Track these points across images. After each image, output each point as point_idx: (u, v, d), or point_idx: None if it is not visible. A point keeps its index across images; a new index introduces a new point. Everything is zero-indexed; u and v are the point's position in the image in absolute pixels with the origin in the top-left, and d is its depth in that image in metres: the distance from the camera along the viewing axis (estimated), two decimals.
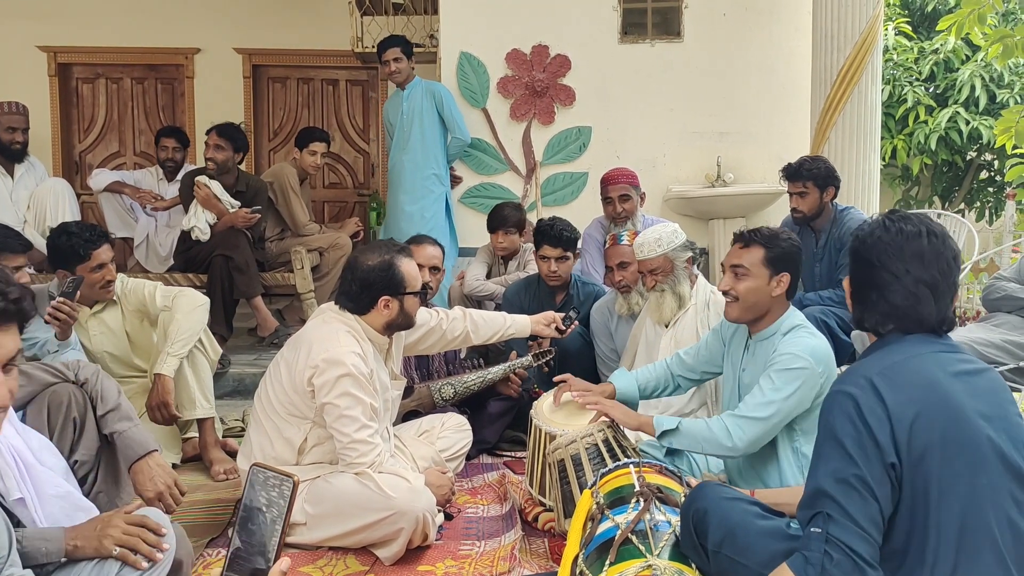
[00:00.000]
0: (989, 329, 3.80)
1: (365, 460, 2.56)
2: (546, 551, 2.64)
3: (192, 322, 3.35)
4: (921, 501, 1.55)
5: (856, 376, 1.63)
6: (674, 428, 2.53)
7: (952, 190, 8.82)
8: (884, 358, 1.66)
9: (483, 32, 5.77)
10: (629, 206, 4.40)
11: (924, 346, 1.67)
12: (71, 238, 3.24)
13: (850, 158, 4.90)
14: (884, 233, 1.71)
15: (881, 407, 1.57)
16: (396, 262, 2.72)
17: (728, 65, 5.78)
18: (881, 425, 1.55)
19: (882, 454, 1.54)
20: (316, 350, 2.59)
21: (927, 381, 1.60)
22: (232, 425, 3.96)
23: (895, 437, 1.55)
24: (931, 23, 8.50)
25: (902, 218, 1.73)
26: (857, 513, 1.53)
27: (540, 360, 3.56)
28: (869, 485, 1.54)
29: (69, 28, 7.36)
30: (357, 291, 2.70)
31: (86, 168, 7.47)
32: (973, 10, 5.86)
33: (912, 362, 1.64)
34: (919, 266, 1.67)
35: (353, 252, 2.88)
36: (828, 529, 1.53)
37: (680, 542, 1.93)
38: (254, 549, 1.34)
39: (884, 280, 1.70)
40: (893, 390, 1.58)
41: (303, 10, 7.40)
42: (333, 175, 7.76)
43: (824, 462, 1.60)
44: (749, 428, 2.45)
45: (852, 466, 1.55)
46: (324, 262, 5.17)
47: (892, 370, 1.62)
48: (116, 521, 1.75)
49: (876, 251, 1.71)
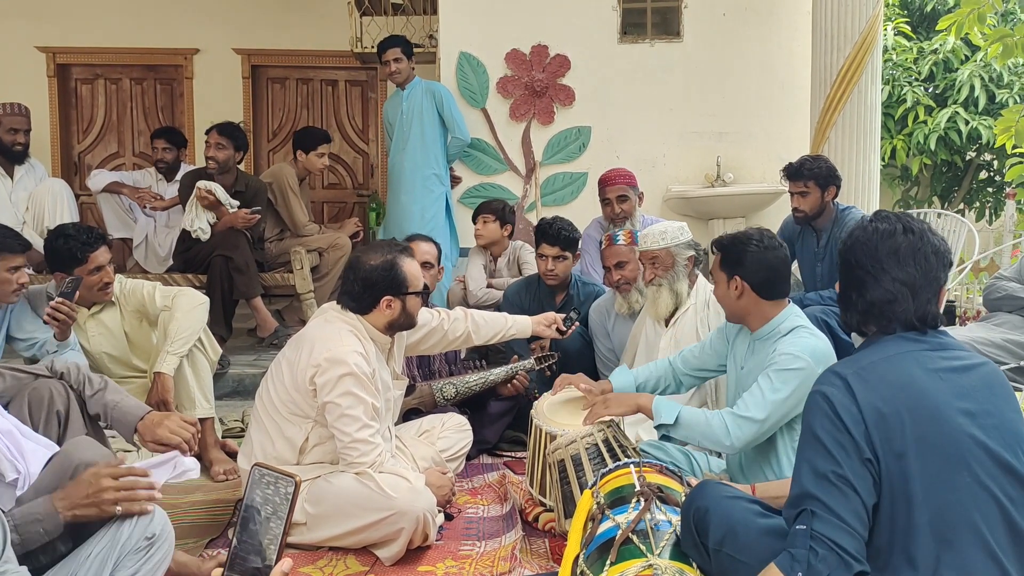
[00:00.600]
0: (990, 329, 3.80)
1: (366, 460, 2.55)
2: (547, 551, 2.64)
3: (192, 321, 3.34)
4: (901, 500, 1.56)
5: (831, 375, 1.67)
6: (672, 423, 2.53)
7: (952, 190, 8.82)
8: (862, 358, 1.69)
9: (482, 32, 5.77)
10: (627, 207, 4.40)
11: (905, 344, 1.69)
12: (68, 241, 3.24)
13: (850, 158, 4.90)
14: (861, 233, 1.74)
15: (854, 405, 1.60)
16: (399, 262, 2.72)
17: (727, 65, 5.78)
18: (855, 422, 1.58)
19: (859, 450, 1.57)
20: (319, 349, 2.59)
21: (902, 380, 1.62)
22: (232, 426, 3.95)
23: (868, 435, 1.58)
24: (930, 23, 8.49)
25: (880, 217, 1.76)
26: (840, 508, 1.55)
27: (542, 364, 3.56)
28: (849, 481, 1.56)
29: (68, 29, 7.36)
30: (359, 290, 2.70)
31: (85, 169, 7.47)
32: (972, 10, 5.86)
33: (889, 362, 1.66)
34: (894, 263, 1.70)
35: (355, 252, 2.88)
36: (812, 525, 1.55)
37: (681, 541, 1.93)
38: (255, 549, 1.34)
39: (860, 279, 1.73)
40: (866, 389, 1.61)
41: (302, 11, 7.40)
42: (332, 175, 7.76)
43: (805, 461, 1.62)
44: (747, 428, 2.46)
45: (832, 463, 1.57)
46: (323, 262, 5.16)
47: (867, 370, 1.64)
48: (104, 481, 1.74)
49: (854, 251, 1.75)
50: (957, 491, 1.56)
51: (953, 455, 1.57)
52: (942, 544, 1.54)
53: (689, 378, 2.96)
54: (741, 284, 2.59)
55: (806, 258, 4.32)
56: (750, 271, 2.57)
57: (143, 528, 1.78)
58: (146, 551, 1.79)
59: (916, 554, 1.55)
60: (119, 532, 1.76)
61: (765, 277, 2.57)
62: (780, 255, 2.61)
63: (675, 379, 2.95)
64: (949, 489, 1.56)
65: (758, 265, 2.57)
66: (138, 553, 1.77)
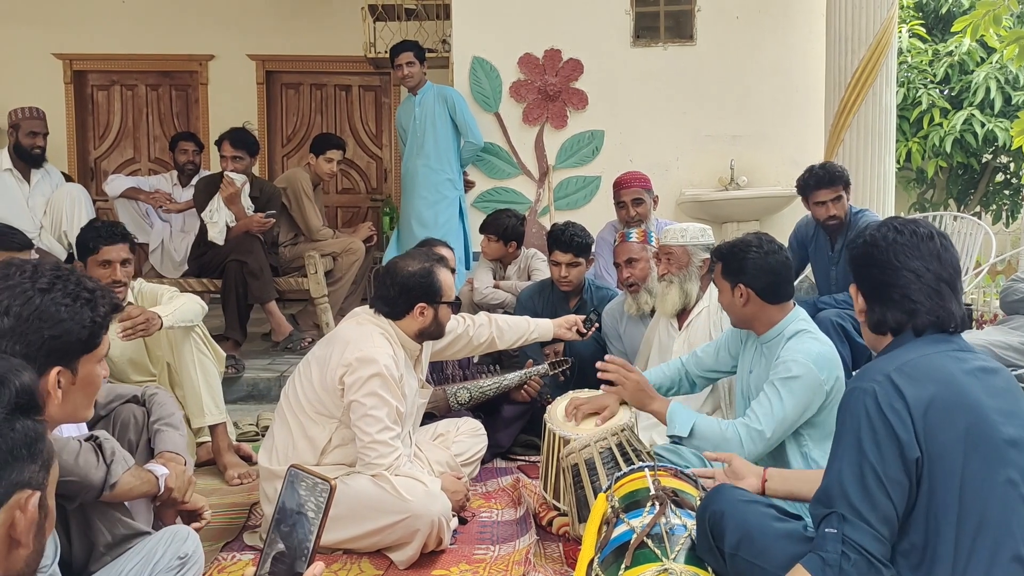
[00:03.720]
0: (1007, 332, 3.78)
1: (383, 462, 2.56)
2: (560, 555, 2.63)
3: (190, 302, 3.35)
4: (941, 496, 1.55)
5: (873, 372, 1.65)
6: (687, 435, 2.55)
7: (968, 193, 8.76)
8: (900, 356, 1.67)
9: (495, 37, 5.78)
10: (642, 210, 4.39)
11: (939, 345, 1.69)
12: (90, 231, 3.28)
13: (865, 161, 4.88)
14: (898, 236, 1.74)
15: (900, 401, 1.57)
16: (435, 271, 2.76)
17: (741, 68, 5.77)
18: (901, 420, 1.56)
19: (902, 450, 1.55)
20: (350, 349, 2.61)
21: (945, 376, 1.61)
22: (246, 430, 3.97)
23: (916, 429, 1.56)
24: (945, 25, 8.45)
25: (911, 221, 1.78)
26: (870, 514, 1.54)
27: (556, 369, 3.55)
28: (884, 485, 1.55)
29: (84, 36, 7.42)
30: (395, 296, 2.73)
31: (101, 174, 7.53)
32: (988, 11, 5.83)
33: (929, 359, 1.65)
34: (938, 264, 1.71)
35: (393, 258, 2.92)
36: (843, 530, 1.55)
37: (696, 545, 1.92)
38: (289, 552, 1.35)
39: (906, 279, 1.71)
40: (912, 384, 1.59)
41: (316, 17, 7.44)
42: (346, 180, 7.78)
43: (840, 460, 1.61)
44: (759, 441, 2.49)
45: (868, 465, 1.56)
46: (337, 267, 5.18)
47: (910, 365, 1.63)
48: None
49: (893, 252, 1.73)
50: (995, 489, 1.55)
51: (992, 454, 1.56)
52: (977, 542, 1.53)
53: (702, 379, 2.97)
54: (746, 291, 2.60)
55: (820, 262, 4.29)
56: (753, 277, 2.58)
57: (176, 548, 1.84)
58: (178, 570, 1.84)
59: (951, 551, 1.54)
60: (153, 552, 1.81)
61: (769, 281, 2.58)
62: (781, 258, 2.61)
63: (688, 380, 2.96)
64: (989, 487, 1.55)
65: (760, 270, 2.58)
66: (170, 572, 1.82)
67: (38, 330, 1.48)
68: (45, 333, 1.48)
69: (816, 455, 2.51)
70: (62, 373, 1.50)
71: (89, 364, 1.56)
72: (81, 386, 1.55)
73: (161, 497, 2.05)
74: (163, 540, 1.86)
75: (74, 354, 1.53)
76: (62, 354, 1.50)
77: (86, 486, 1.85)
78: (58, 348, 1.50)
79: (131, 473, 1.95)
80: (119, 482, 1.96)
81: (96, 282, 1.61)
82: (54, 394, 1.48)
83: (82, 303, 1.54)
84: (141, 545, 1.85)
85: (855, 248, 1.82)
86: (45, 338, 1.48)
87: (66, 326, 1.50)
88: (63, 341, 1.50)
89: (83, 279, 1.58)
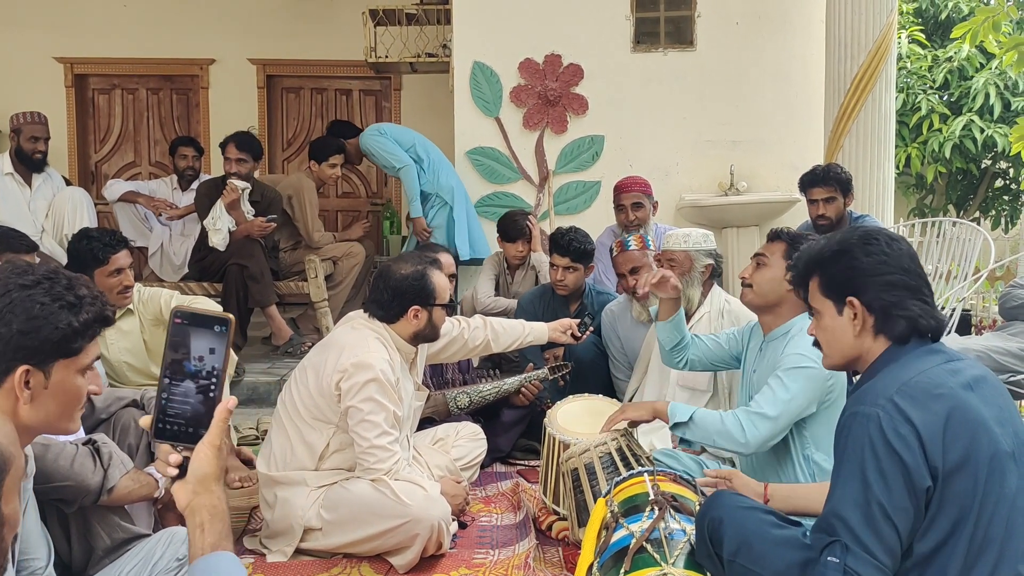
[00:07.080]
0: (1006, 338, 3.79)
1: (383, 467, 2.57)
2: (560, 560, 2.64)
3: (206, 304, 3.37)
4: (952, 514, 1.52)
5: (874, 396, 1.60)
6: (687, 420, 2.53)
7: (967, 198, 8.78)
8: (896, 375, 1.63)
9: (496, 42, 5.79)
10: (642, 214, 4.40)
11: (931, 358, 1.65)
12: (91, 242, 3.28)
13: (864, 166, 4.89)
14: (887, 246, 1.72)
15: (907, 425, 1.53)
16: (429, 273, 2.76)
17: (741, 73, 5.78)
18: (907, 446, 1.52)
19: (910, 478, 1.51)
20: (346, 355, 2.62)
21: (947, 394, 1.57)
22: (246, 433, 3.97)
23: (927, 456, 1.52)
24: (945, 31, 8.47)
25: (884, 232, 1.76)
26: (875, 545, 1.51)
27: (556, 374, 3.55)
28: (890, 516, 1.51)
29: (85, 39, 7.43)
30: (388, 299, 2.73)
31: (102, 178, 7.54)
32: (987, 18, 5.85)
33: (927, 375, 1.61)
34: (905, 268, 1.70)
35: (386, 261, 2.92)
36: (846, 561, 1.51)
37: (695, 551, 1.93)
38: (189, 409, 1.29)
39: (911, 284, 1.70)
40: (917, 407, 1.55)
41: (317, 21, 7.45)
42: (346, 184, 7.79)
43: (843, 488, 1.57)
44: (761, 425, 2.45)
45: (872, 494, 1.53)
46: (337, 271, 5.19)
47: (910, 387, 1.59)
48: None
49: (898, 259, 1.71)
50: (1000, 504, 1.53)
51: (996, 466, 1.54)
52: (980, 559, 1.52)
53: (697, 361, 2.95)
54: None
55: None
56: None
57: (175, 550, 1.84)
58: (176, 571, 1.84)
59: (961, 566, 1.52)
60: (152, 553, 1.81)
61: None
62: None
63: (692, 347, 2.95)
64: (994, 502, 1.53)
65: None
66: (169, 574, 1.83)
67: (8, 323, 1.43)
68: (14, 327, 1.43)
69: (818, 457, 2.49)
70: (31, 373, 1.43)
71: (66, 371, 1.49)
72: (54, 392, 1.47)
73: (162, 500, 2.06)
74: (162, 541, 1.86)
75: (46, 355, 1.46)
76: (31, 352, 1.44)
77: (83, 490, 1.85)
78: (26, 345, 1.43)
79: (129, 477, 1.95)
80: (117, 486, 1.97)
81: (92, 291, 1.55)
82: (20, 394, 1.42)
83: (62, 305, 1.47)
84: (140, 547, 1.85)
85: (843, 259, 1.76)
86: (14, 332, 1.42)
87: (37, 323, 1.44)
88: (32, 338, 1.44)
89: (77, 285, 1.53)
